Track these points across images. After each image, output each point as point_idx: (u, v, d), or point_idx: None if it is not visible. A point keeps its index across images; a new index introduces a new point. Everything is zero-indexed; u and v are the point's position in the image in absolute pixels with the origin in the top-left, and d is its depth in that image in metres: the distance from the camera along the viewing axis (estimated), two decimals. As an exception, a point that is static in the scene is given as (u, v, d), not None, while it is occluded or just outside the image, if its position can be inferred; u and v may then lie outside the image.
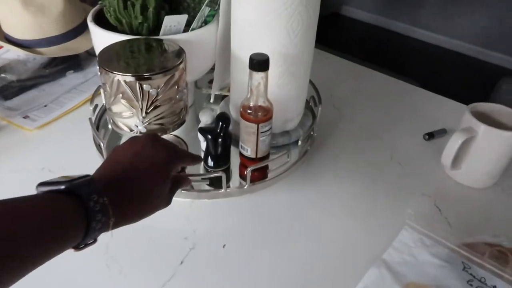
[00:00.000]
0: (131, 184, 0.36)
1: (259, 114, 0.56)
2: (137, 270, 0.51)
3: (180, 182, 0.45)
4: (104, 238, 0.53)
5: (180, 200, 0.59)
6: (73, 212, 0.31)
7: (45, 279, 0.50)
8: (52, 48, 0.87)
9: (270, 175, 0.61)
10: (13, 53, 0.89)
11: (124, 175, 0.37)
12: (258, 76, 0.53)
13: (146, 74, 0.50)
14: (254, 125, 0.56)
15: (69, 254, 0.52)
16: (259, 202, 0.61)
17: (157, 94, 0.51)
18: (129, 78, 0.49)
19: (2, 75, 0.83)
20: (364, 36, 2.85)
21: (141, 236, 0.55)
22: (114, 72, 0.49)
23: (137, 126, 0.54)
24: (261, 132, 0.57)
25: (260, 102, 0.56)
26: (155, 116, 0.53)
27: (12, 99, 0.80)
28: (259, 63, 0.52)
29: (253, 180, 0.59)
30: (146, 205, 0.38)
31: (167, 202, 0.42)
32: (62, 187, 0.31)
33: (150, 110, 0.52)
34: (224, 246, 0.54)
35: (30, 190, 0.61)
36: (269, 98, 0.57)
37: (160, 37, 0.58)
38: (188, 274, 0.51)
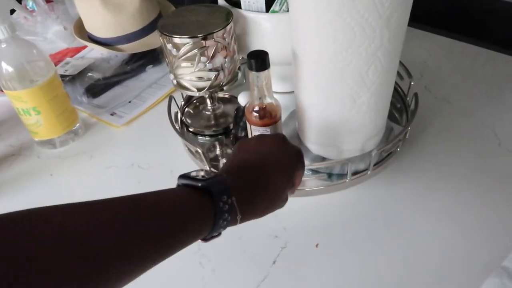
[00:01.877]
0: (258, 185, 0.38)
1: (265, 117, 0.53)
2: (229, 270, 0.51)
3: (294, 183, 0.44)
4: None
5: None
6: (204, 209, 0.33)
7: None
8: (132, 44, 0.89)
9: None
10: (97, 52, 0.93)
11: (252, 176, 0.38)
12: (261, 75, 0.49)
13: (200, 35, 0.56)
14: (262, 129, 0.53)
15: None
16: (350, 195, 0.57)
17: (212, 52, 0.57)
18: (186, 40, 0.56)
19: (89, 74, 0.87)
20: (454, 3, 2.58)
21: (231, 234, 0.54)
22: (174, 36, 0.57)
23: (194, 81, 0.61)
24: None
25: (266, 102, 0.52)
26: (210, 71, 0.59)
27: (99, 97, 0.83)
28: (257, 63, 0.48)
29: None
30: (270, 204, 0.40)
31: (286, 200, 0.43)
32: (199, 185, 0.33)
33: (206, 66, 0.58)
34: (317, 245, 0.52)
35: (123, 186, 0.63)
36: (338, 127, 0.53)
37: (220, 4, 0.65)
38: (282, 274, 0.49)
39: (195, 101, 0.75)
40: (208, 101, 0.71)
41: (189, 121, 0.70)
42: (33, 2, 1.00)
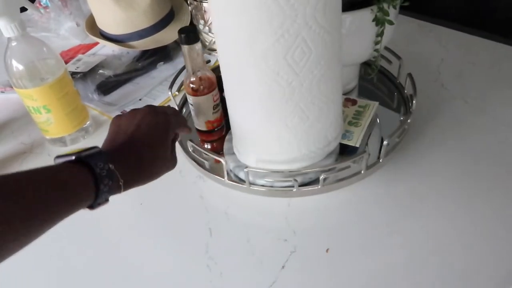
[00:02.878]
0: (134, 150, 0.42)
1: (204, 87, 0.59)
2: (237, 274, 0.50)
3: (175, 139, 0.51)
4: (203, 237, 0.53)
5: (277, 199, 0.56)
6: (82, 177, 0.36)
7: (148, 276, 0.50)
8: (143, 41, 0.88)
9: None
10: (108, 49, 0.92)
11: (127, 144, 0.42)
12: (194, 48, 0.55)
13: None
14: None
15: (172, 252, 0.52)
16: (360, 197, 0.56)
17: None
18: None
19: (100, 71, 0.86)
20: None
21: (239, 236, 0.53)
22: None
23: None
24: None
25: (201, 74, 0.58)
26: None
27: (110, 94, 0.83)
28: (188, 37, 0.53)
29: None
30: (152, 167, 0.44)
31: (173, 162, 0.48)
32: (73, 157, 0.37)
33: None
34: (327, 250, 0.50)
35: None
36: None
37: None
38: (291, 279, 0.48)
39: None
40: None
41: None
42: (46, -2, 1.00)
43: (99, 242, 0.56)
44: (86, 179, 0.36)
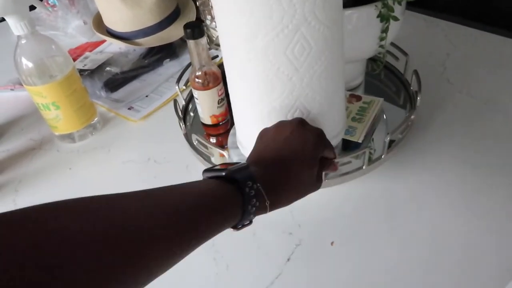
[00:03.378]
0: (282, 169, 0.39)
1: (209, 81, 0.60)
2: (243, 266, 0.50)
3: (325, 163, 0.45)
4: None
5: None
6: (232, 196, 0.34)
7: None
8: (149, 38, 0.89)
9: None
10: (115, 46, 0.93)
11: (275, 161, 0.39)
12: (200, 42, 0.57)
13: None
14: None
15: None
16: (365, 191, 0.56)
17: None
18: None
19: (107, 68, 0.87)
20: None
21: (244, 230, 0.54)
22: None
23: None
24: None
25: (207, 69, 0.60)
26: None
27: (117, 91, 0.84)
28: (193, 31, 0.56)
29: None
30: (298, 188, 0.40)
31: (318, 184, 0.43)
32: (223, 174, 0.35)
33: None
34: (332, 243, 0.51)
35: (139, 180, 0.63)
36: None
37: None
38: (296, 272, 0.49)
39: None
40: None
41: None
42: (54, -3, 1.02)
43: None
44: (235, 199, 0.34)
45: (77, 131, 0.72)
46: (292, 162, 0.39)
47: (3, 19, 0.61)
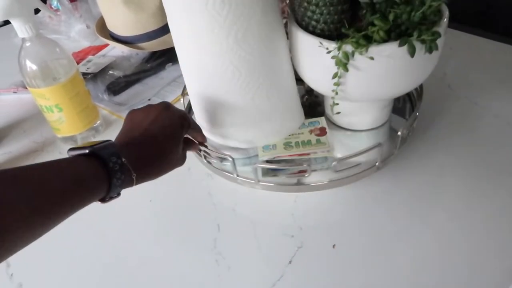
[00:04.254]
0: (147, 146, 0.43)
1: None
2: (245, 268, 0.51)
3: (189, 144, 0.53)
4: (211, 232, 0.54)
5: (283, 194, 0.57)
6: (96, 171, 0.37)
7: (157, 270, 0.51)
8: (152, 42, 0.90)
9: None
10: (118, 50, 0.94)
11: (140, 139, 0.43)
12: None
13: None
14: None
15: (181, 247, 0.53)
16: (367, 194, 0.56)
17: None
18: None
19: (110, 71, 0.88)
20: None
21: (247, 232, 0.54)
22: None
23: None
24: None
25: None
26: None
27: (120, 94, 0.84)
28: None
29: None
30: (162, 163, 0.45)
31: (182, 161, 0.49)
32: (86, 151, 0.37)
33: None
34: (334, 246, 0.51)
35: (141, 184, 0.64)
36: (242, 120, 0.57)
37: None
38: (298, 274, 0.49)
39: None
40: None
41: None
42: (58, 1, 1.02)
43: (108, 238, 0.57)
44: (99, 173, 0.37)
45: (79, 133, 0.73)
46: (158, 140, 0.44)
47: (7, 22, 0.61)
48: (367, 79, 0.50)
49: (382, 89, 0.52)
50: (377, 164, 0.55)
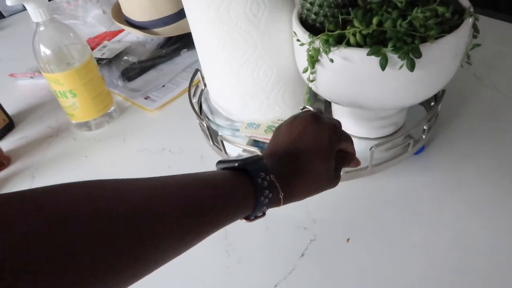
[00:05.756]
0: (296, 163, 0.38)
1: None
2: (256, 260, 0.50)
3: (344, 158, 0.44)
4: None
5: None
6: (244, 187, 0.34)
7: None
8: (167, 28, 0.89)
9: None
10: (133, 36, 0.93)
11: (290, 155, 0.39)
12: None
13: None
14: None
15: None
16: (383, 186, 0.54)
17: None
18: None
19: (125, 57, 0.87)
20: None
21: (258, 224, 0.53)
22: None
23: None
24: None
25: None
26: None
27: (134, 80, 0.84)
28: None
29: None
30: (312, 182, 0.39)
31: (335, 180, 0.42)
32: (236, 164, 0.35)
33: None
34: (348, 240, 0.49)
35: (154, 170, 0.63)
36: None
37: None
38: (310, 268, 0.48)
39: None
40: None
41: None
42: (74, -14, 1.02)
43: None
44: (248, 189, 0.34)
45: (93, 119, 0.72)
46: (307, 156, 0.39)
47: (25, 8, 0.61)
48: (333, 81, 0.47)
49: (350, 97, 0.48)
50: (368, 168, 0.51)
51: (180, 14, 0.89)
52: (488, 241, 0.47)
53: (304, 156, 0.39)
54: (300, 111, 0.44)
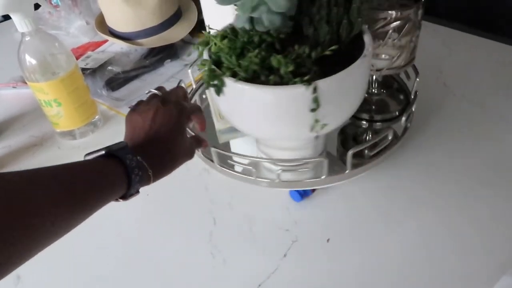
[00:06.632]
0: (155, 144, 0.44)
1: None
2: (240, 261, 0.51)
3: (198, 140, 0.52)
4: (207, 225, 0.55)
5: (278, 190, 0.58)
6: (114, 169, 0.38)
7: (153, 263, 0.52)
8: (151, 38, 0.91)
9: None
10: (117, 46, 0.95)
11: (147, 139, 0.44)
12: None
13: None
14: None
15: (177, 240, 0.53)
16: (361, 189, 0.57)
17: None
18: None
19: (109, 67, 0.88)
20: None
21: (242, 225, 0.55)
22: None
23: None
24: None
25: None
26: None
27: (119, 90, 0.85)
28: None
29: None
30: (173, 156, 0.45)
31: (190, 155, 0.49)
32: (103, 152, 0.39)
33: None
34: (328, 240, 0.52)
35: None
36: None
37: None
38: (293, 267, 0.50)
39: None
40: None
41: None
42: (57, -3, 1.03)
43: (105, 231, 0.58)
44: (118, 170, 0.38)
45: (78, 128, 0.73)
46: (164, 135, 0.44)
47: (7, 18, 0.62)
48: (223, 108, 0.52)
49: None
50: (323, 177, 0.54)
51: (163, 26, 0.91)
52: (459, 240, 0.50)
53: (161, 136, 0.44)
54: (146, 94, 0.50)
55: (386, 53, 0.57)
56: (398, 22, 0.54)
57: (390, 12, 0.54)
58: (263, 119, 0.48)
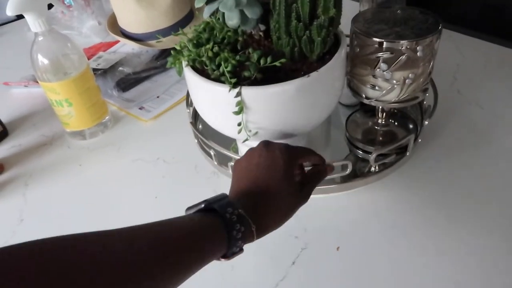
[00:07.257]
0: (261, 193, 0.39)
1: None
2: (248, 268, 0.51)
3: (318, 173, 0.46)
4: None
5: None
6: (213, 225, 0.35)
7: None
8: (162, 40, 0.90)
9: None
10: (128, 47, 0.95)
11: (251, 187, 0.40)
12: None
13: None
14: None
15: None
16: (372, 198, 0.56)
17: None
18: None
19: (120, 68, 0.89)
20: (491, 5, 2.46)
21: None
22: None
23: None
24: None
25: None
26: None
27: (129, 91, 0.85)
28: None
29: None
30: (281, 207, 0.40)
31: (304, 198, 0.43)
32: (202, 206, 0.36)
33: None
34: (338, 248, 0.51)
35: (148, 179, 0.64)
36: None
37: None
38: (301, 275, 0.49)
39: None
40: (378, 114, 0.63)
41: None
42: (70, -3, 1.03)
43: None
44: (217, 225, 0.35)
45: (88, 128, 0.73)
46: (269, 183, 0.40)
47: (20, 17, 0.62)
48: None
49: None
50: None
51: (175, 27, 0.90)
52: (469, 252, 0.49)
53: (266, 184, 0.40)
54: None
55: (375, 83, 0.53)
56: (387, 54, 0.49)
57: (375, 39, 0.48)
58: (203, 107, 0.53)
